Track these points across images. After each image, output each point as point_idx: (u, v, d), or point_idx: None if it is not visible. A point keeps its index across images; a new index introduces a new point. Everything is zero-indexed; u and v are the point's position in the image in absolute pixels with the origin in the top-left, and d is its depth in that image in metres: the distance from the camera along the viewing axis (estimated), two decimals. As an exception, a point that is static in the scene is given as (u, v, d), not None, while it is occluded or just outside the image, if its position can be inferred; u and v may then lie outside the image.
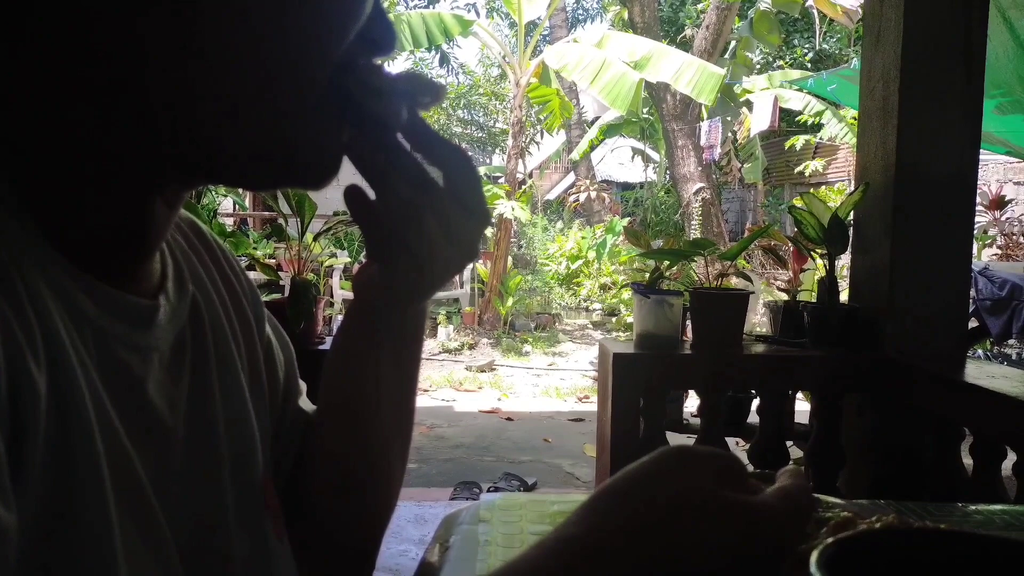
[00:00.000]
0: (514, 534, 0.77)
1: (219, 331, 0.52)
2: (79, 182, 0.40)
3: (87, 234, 0.41)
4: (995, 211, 7.08)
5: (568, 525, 0.42)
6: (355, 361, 0.59)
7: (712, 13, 9.27)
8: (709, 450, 0.45)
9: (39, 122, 0.38)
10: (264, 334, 0.60)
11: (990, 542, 0.42)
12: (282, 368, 0.62)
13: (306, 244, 2.28)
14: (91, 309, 0.39)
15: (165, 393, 0.45)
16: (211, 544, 0.46)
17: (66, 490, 0.34)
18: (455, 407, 5.48)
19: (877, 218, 1.97)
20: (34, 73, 0.37)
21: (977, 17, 1.88)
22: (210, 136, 0.41)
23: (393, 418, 0.62)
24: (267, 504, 0.52)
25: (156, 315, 0.45)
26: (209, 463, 0.48)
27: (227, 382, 0.51)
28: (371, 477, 0.62)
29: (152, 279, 0.46)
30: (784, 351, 2.00)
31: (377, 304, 0.57)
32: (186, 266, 0.51)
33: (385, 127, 0.47)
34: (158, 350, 0.45)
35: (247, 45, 0.39)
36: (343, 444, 0.61)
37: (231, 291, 0.56)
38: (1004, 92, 3.99)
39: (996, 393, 1.53)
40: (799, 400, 2.30)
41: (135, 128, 0.39)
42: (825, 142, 11.02)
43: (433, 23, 7.51)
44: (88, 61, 0.37)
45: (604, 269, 9.30)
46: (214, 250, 0.57)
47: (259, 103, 0.40)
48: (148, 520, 0.39)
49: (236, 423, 0.51)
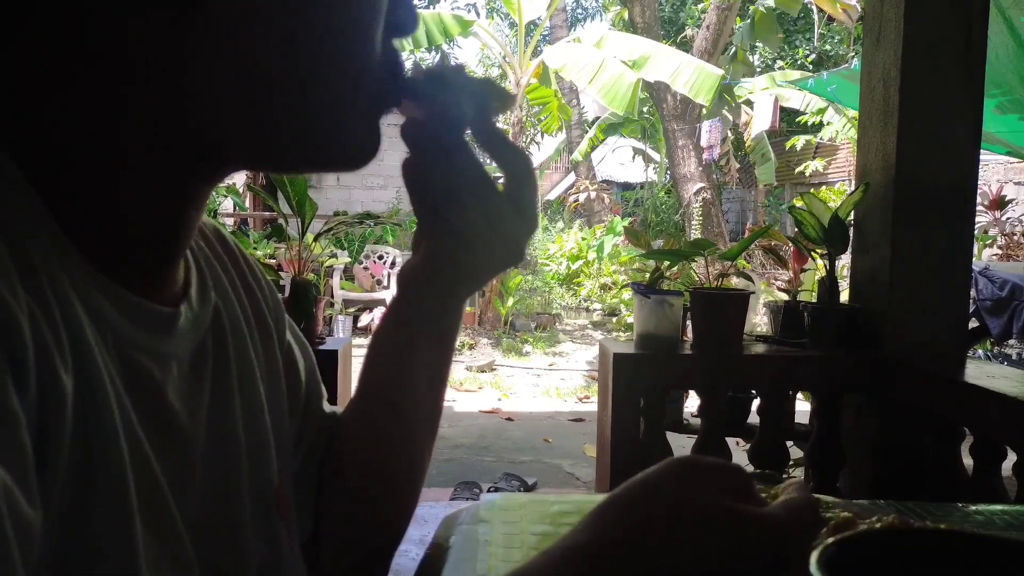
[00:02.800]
0: (514, 534, 0.77)
1: (239, 340, 0.52)
2: (106, 184, 0.39)
3: (113, 240, 0.40)
4: (995, 211, 7.08)
5: (574, 533, 0.42)
6: (393, 352, 0.61)
7: (712, 13, 9.27)
8: (716, 461, 0.46)
9: (67, 127, 0.38)
10: (285, 340, 0.61)
11: (990, 542, 0.42)
12: (304, 372, 0.63)
13: (306, 244, 2.28)
14: (113, 315, 0.39)
15: (185, 401, 0.45)
16: (228, 551, 0.46)
17: (88, 493, 0.34)
18: (455, 407, 5.48)
19: (877, 218, 1.97)
20: (62, 72, 0.37)
21: (977, 17, 1.88)
22: (254, 119, 0.41)
23: (424, 413, 0.64)
24: (281, 513, 0.52)
25: (176, 323, 0.44)
26: (228, 471, 0.48)
27: (247, 392, 0.51)
28: (401, 470, 0.64)
29: (175, 286, 0.46)
30: (784, 351, 2.00)
31: (418, 295, 0.59)
32: (209, 274, 0.51)
33: (456, 121, 0.50)
34: (177, 358, 0.45)
35: (290, 26, 0.39)
36: (376, 437, 0.62)
37: (252, 298, 0.57)
38: (1004, 91, 3.99)
39: (996, 393, 1.53)
40: (799, 400, 2.30)
41: (171, 119, 0.39)
42: (825, 142, 11.02)
43: (433, 23, 7.51)
44: (124, 54, 0.37)
45: (604, 269, 9.30)
46: (236, 256, 0.57)
47: (303, 83, 0.41)
48: (168, 526, 0.40)
49: (255, 433, 0.51)
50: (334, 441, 0.64)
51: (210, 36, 0.38)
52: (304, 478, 0.61)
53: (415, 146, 0.52)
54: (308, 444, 0.62)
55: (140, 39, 0.37)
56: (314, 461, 0.63)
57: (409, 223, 9.40)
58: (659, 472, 0.44)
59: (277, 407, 0.56)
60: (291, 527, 0.54)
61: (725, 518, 0.41)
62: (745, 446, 2.12)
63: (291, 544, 0.53)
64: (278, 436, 0.54)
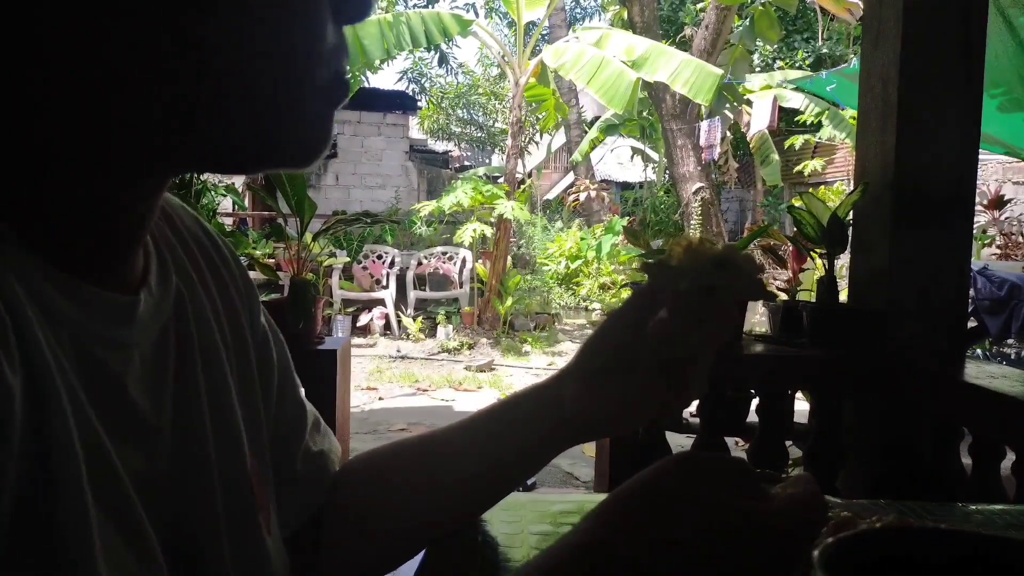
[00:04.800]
0: (514, 534, 0.77)
1: (204, 323, 0.51)
2: (54, 178, 0.38)
3: (63, 233, 0.39)
4: (994, 211, 7.09)
5: (575, 533, 0.42)
6: (497, 439, 0.64)
7: (711, 13, 9.26)
8: (716, 456, 0.45)
9: (8, 115, 0.36)
10: (259, 323, 0.59)
11: (990, 542, 0.42)
12: (276, 359, 0.61)
13: (305, 244, 2.28)
14: (67, 308, 0.38)
15: (148, 390, 0.44)
16: (199, 543, 0.46)
17: (42, 492, 0.33)
18: (455, 407, 5.48)
19: (876, 218, 1.97)
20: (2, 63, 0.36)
21: (977, 17, 1.88)
22: (200, 120, 0.39)
23: (482, 495, 0.66)
24: (258, 500, 0.51)
25: (136, 311, 0.43)
26: (196, 460, 0.47)
27: (212, 375, 0.50)
28: (422, 533, 0.66)
29: (135, 273, 0.45)
30: (784, 351, 2.00)
31: (549, 419, 0.62)
32: (170, 256, 0.50)
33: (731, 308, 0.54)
34: (139, 346, 0.44)
35: (238, 27, 0.38)
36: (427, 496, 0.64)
37: (218, 279, 0.55)
38: (1004, 91, 3.99)
39: (995, 393, 1.53)
40: (799, 400, 2.30)
41: (117, 120, 0.38)
42: (824, 142, 11.02)
43: (432, 23, 7.50)
44: (66, 49, 0.36)
45: (603, 269, 9.30)
46: (200, 237, 0.56)
47: (249, 81, 0.39)
48: (132, 523, 0.38)
49: (223, 419, 0.50)
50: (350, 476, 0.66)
51: (148, 32, 0.36)
52: (284, 468, 0.61)
53: (679, 313, 0.53)
54: (286, 432, 0.61)
55: (72, 33, 0.36)
56: (293, 452, 0.62)
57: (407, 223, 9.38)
58: (659, 470, 0.43)
59: (249, 390, 0.54)
60: (268, 515, 0.53)
61: (727, 514, 0.40)
62: (745, 446, 2.12)
63: (268, 531, 0.52)
64: (251, 421, 0.53)
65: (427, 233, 9.66)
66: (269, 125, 0.41)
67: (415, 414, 5.24)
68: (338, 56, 0.43)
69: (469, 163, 16.14)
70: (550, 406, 0.62)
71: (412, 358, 7.30)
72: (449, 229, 9.57)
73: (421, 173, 12.95)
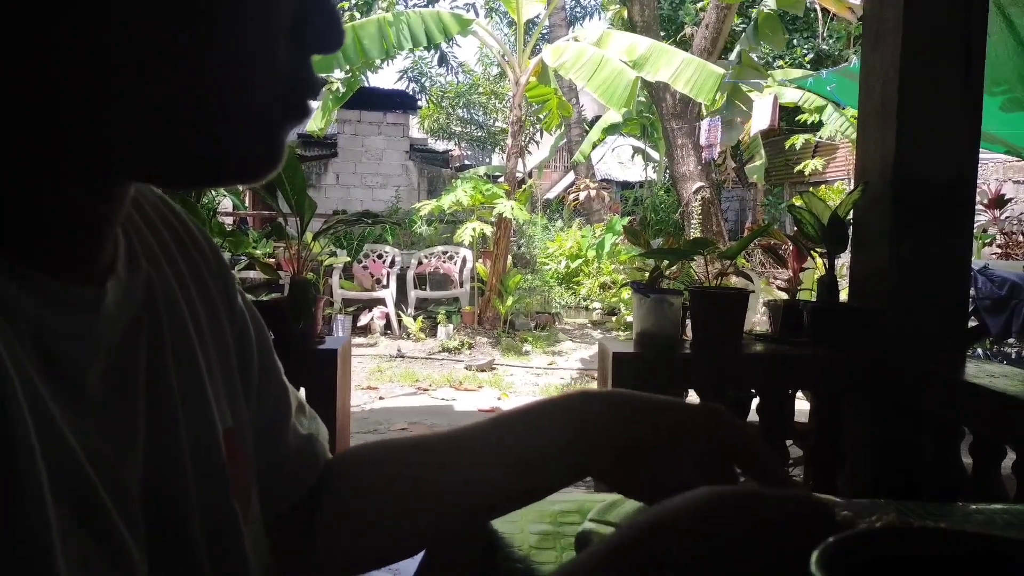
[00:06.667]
0: (514, 534, 0.77)
1: (175, 306, 0.50)
2: (11, 179, 0.38)
3: (25, 229, 0.39)
4: (994, 210, 7.09)
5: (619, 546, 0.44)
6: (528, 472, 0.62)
7: (712, 12, 9.26)
8: (785, 497, 0.47)
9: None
10: (236, 303, 0.59)
11: (990, 542, 0.41)
12: (256, 342, 0.61)
13: (305, 243, 2.28)
14: (28, 303, 0.38)
15: (117, 383, 0.43)
16: (174, 529, 0.45)
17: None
18: (455, 406, 5.48)
19: (877, 217, 1.97)
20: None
21: (977, 17, 1.88)
22: (143, 135, 0.38)
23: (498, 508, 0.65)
24: (233, 486, 0.50)
25: (102, 302, 0.43)
26: (169, 451, 0.46)
27: (184, 361, 0.49)
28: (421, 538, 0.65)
29: (102, 262, 0.44)
30: (784, 350, 2.00)
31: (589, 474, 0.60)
32: (138, 240, 0.49)
33: None
34: (106, 338, 0.43)
35: (180, 35, 0.37)
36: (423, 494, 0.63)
37: (189, 260, 0.54)
38: (1005, 90, 3.99)
39: (996, 392, 1.53)
40: (799, 400, 2.30)
41: (68, 125, 0.37)
42: (824, 141, 11.01)
43: (432, 22, 7.50)
44: (15, 55, 0.35)
45: (604, 268, 9.30)
46: (167, 215, 0.55)
47: (196, 99, 0.38)
48: (100, 520, 0.38)
49: (195, 405, 0.49)
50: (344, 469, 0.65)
51: (92, 44, 0.35)
52: (269, 452, 0.60)
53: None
54: (267, 416, 0.61)
55: (22, 40, 0.35)
56: (281, 435, 0.62)
57: (407, 222, 9.37)
58: (718, 500, 0.45)
59: (227, 371, 0.54)
60: (248, 499, 0.52)
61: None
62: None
63: (246, 516, 0.51)
64: (229, 403, 0.53)
65: (427, 232, 9.66)
66: (212, 144, 0.40)
67: (415, 413, 5.24)
68: (305, 85, 0.42)
69: (469, 162, 16.13)
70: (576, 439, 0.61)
71: (412, 357, 7.30)
72: (449, 228, 9.57)
73: (421, 172, 12.96)
